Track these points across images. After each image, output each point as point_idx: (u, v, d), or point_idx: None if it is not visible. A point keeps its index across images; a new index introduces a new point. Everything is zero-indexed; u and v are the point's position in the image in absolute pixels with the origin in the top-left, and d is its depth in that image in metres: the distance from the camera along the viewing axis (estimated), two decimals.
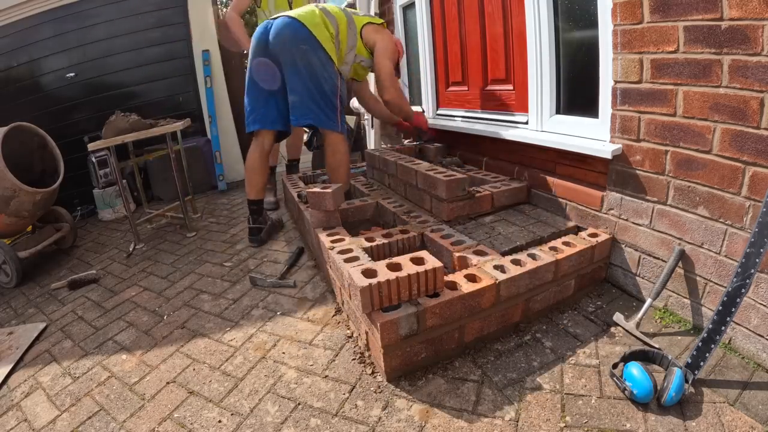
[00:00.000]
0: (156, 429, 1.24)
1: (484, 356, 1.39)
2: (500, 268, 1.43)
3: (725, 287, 1.15)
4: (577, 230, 1.78)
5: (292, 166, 3.39)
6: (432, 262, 1.31)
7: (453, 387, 1.27)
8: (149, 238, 2.87)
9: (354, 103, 4.07)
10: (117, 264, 2.52)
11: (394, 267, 1.31)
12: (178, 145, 2.94)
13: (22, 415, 1.37)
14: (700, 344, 1.16)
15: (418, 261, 1.33)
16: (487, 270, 1.43)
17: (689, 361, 1.16)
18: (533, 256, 1.50)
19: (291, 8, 3.09)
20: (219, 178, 3.94)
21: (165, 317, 1.85)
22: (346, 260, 1.46)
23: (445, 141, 2.79)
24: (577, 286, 1.60)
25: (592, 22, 1.64)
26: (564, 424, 1.11)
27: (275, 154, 3.33)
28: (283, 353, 1.51)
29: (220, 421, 1.24)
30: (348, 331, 1.58)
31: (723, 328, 1.13)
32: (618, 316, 1.48)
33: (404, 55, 2.80)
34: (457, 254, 1.58)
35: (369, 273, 1.29)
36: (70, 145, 3.34)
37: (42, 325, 1.90)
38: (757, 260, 1.09)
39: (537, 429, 1.11)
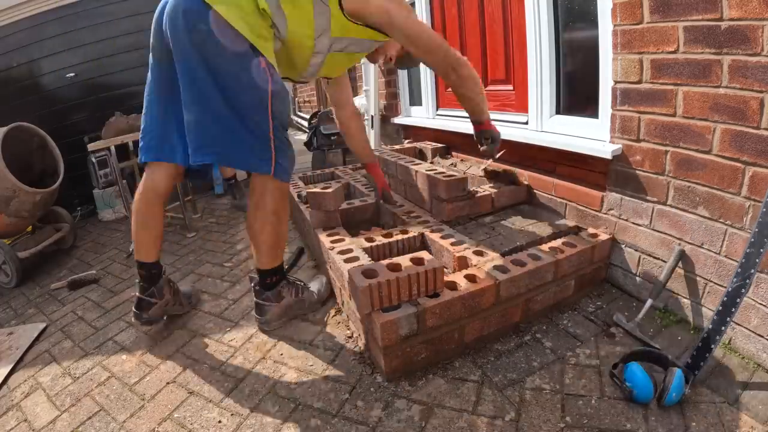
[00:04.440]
0: (156, 429, 1.24)
1: (484, 356, 1.39)
2: (500, 268, 1.43)
3: (725, 287, 1.15)
4: (577, 230, 1.78)
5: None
6: (432, 262, 1.31)
7: (453, 387, 1.27)
8: None
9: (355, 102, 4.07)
10: (117, 264, 2.52)
11: (394, 267, 1.31)
12: None
13: (22, 415, 1.37)
14: (700, 344, 1.16)
15: (418, 261, 1.33)
16: (487, 270, 1.43)
17: (689, 361, 1.16)
18: (533, 256, 1.50)
19: None
20: (216, 181, 3.86)
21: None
22: (346, 260, 1.47)
23: (445, 141, 2.79)
24: (577, 286, 1.60)
25: (592, 23, 1.64)
26: (564, 425, 1.11)
27: None
28: (283, 353, 1.51)
29: (220, 422, 1.24)
30: (348, 332, 1.58)
31: (723, 328, 1.13)
32: (618, 317, 1.48)
33: None
34: (457, 254, 1.58)
35: (369, 273, 1.29)
36: (70, 145, 3.34)
37: (42, 325, 1.90)
38: (757, 260, 1.09)
39: (537, 429, 1.11)
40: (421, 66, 2.98)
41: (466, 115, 2.68)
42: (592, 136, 1.70)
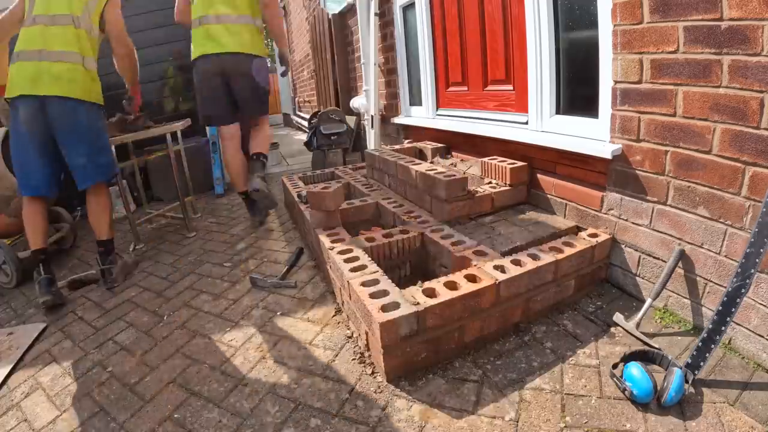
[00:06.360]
0: (156, 429, 1.24)
1: (484, 356, 1.39)
2: (500, 268, 1.43)
3: (725, 287, 1.15)
4: (577, 230, 1.78)
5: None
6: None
7: (453, 387, 1.27)
8: (149, 239, 2.87)
9: (354, 102, 4.07)
10: None
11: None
12: (178, 145, 2.94)
13: (22, 415, 1.37)
14: (700, 344, 1.16)
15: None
16: (487, 270, 1.43)
17: (689, 361, 1.16)
18: (533, 256, 1.50)
19: None
20: (216, 182, 3.86)
21: (165, 317, 1.85)
22: (346, 260, 1.47)
23: (445, 141, 2.79)
24: (577, 286, 1.60)
25: (592, 23, 1.64)
26: (564, 425, 1.11)
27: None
28: (283, 353, 1.51)
29: (220, 422, 1.24)
30: (348, 331, 1.58)
31: (723, 328, 1.13)
32: (618, 316, 1.48)
33: None
34: (457, 254, 1.58)
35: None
36: None
37: (42, 325, 1.90)
38: (757, 260, 1.09)
39: (537, 429, 1.11)
40: (422, 66, 2.98)
41: (466, 115, 2.69)
42: (592, 136, 1.70)
